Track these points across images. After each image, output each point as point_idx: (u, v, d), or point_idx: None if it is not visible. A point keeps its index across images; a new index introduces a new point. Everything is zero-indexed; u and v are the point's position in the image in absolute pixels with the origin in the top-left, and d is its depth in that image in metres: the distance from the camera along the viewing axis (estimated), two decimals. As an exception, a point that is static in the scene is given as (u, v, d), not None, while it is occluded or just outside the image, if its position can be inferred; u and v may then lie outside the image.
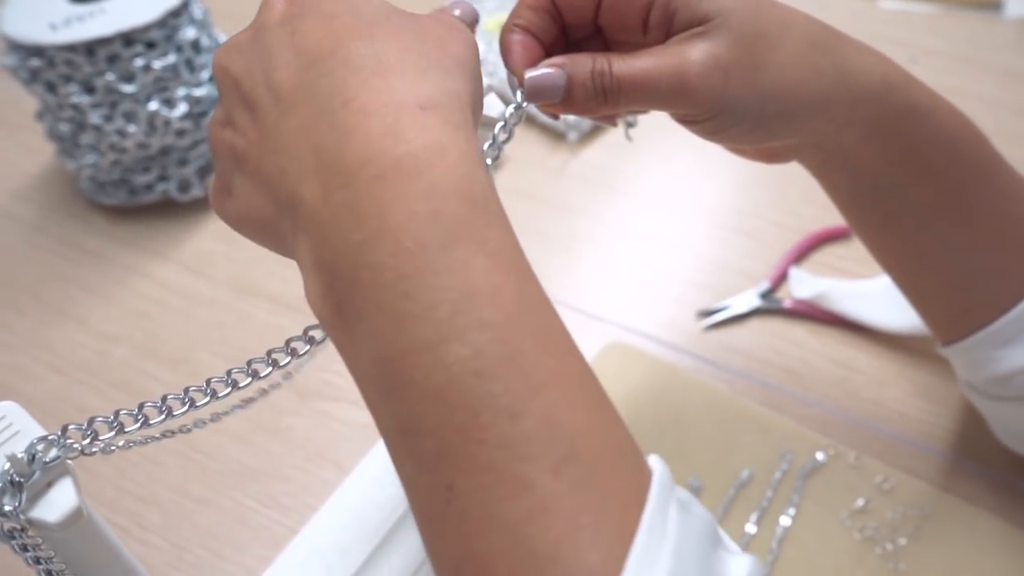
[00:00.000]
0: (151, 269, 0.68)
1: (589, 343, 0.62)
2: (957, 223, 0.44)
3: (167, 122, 0.67)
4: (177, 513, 0.54)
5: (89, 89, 0.65)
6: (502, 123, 0.35)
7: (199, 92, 0.68)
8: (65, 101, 0.65)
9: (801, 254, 0.67)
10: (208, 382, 0.30)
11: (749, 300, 0.64)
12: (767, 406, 0.58)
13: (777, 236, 0.69)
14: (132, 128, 0.66)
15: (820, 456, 0.55)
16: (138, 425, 0.30)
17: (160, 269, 0.68)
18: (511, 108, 0.36)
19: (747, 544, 0.51)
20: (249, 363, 0.31)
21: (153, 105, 0.66)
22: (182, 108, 0.67)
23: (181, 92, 0.67)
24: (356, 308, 0.26)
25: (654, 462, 0.25)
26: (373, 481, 0.51)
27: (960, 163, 0.43)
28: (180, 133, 0.68)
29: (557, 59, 0.38)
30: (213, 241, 0.70)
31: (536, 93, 0.38)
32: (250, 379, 0.31)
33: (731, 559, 0.25)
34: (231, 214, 0.32)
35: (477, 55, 0.32)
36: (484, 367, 0.24)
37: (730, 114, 0.38)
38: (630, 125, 0.49)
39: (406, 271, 0.25)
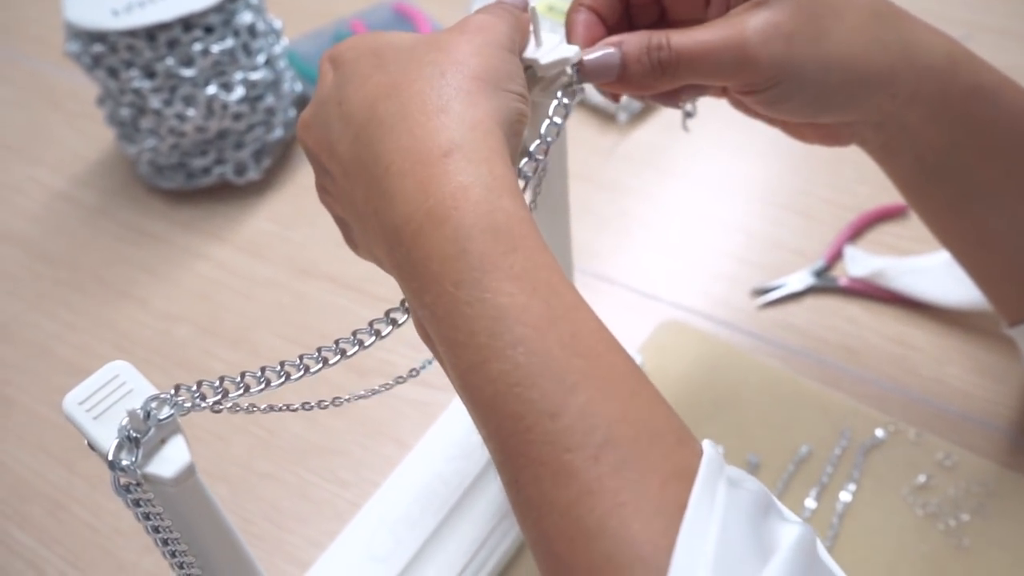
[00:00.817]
0: (209, 251, 0.70)
1: (643, 321, 0.62)
2: None
3: (224, 106, 0.68)
4: (243, 487, 0.55)
5: (150, 74, 0.66)
6: (556, 103, 0.36)
7: (255, 76, 0.69)
8: (126, 86, 0.66)
9: (856, 233, 0.67)
10: (319, 350, 0.32)
11: (803, 279, 0.64)
12: (824, 384, 0.58)
13: (831, 215, 0.68)
14: (191, 112, 0.67)
15: (880, 433, 0.55)
16: (240, 392, 0.30)
17: (218, 251, 0.70)
18: (562, 94, 0.37)
19: (808, 519, 0.51)
20: (337, 342, 0.33)
21: (211, 89, 0.67)
22: (239, 92, 0.68)
23: (238, 76, 0.68)
24: (429, 339, 0.31)
25: (706, 445, 0.27)
26: (438, 455, 0.52)
27: None
28: (237, 117, 0.70)
29: (613, 38, 0.39)
30: (269, 223, 0.71)
31: (591, 73, 0.38)
32: (339, 357, 0.32)
33: (782, 527, 0.26)
34: (365, 257, 0.37)
35: (505, 46, 0.34)
36: (522, 378, 0.27)
37: (792, 82, 0.38)
38: (688, 115, 0.49)
39: (448, 309, 0.28)
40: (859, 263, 0.64)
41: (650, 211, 0.71)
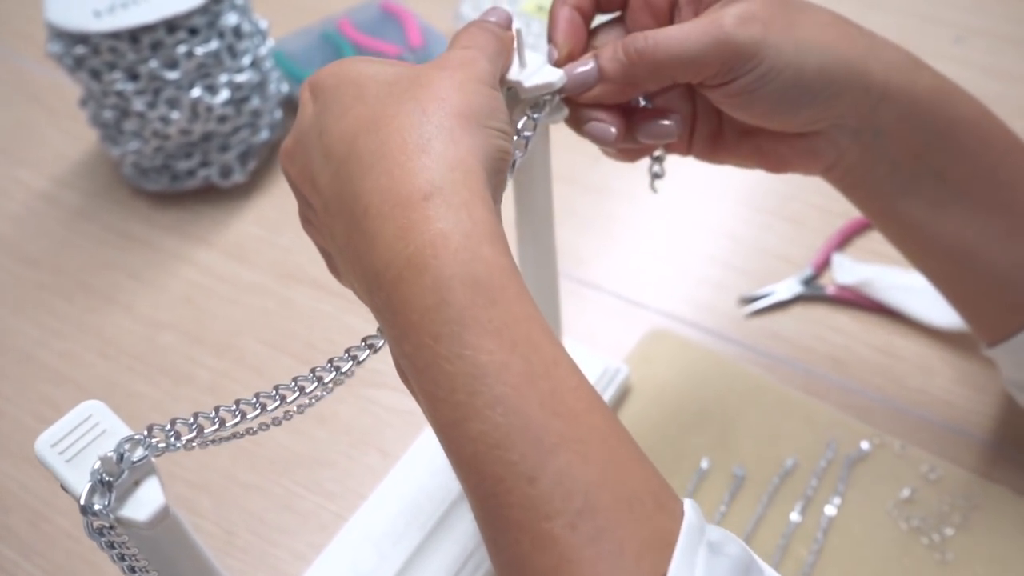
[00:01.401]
0: (194, 255, 0.69)
1: (629, 329, 0.62)
2: (997, 209, 0.43)
3: (209, 108, 0.67)
4: (227, 498, 0.55)
5: (133, 76, 0.65)
6: (524, 118, 0.37)
7: (240, 78, 0.68)
8: (109, 88, 0.65)
9: (844, 239, 0.66)
10: (295, 380, 0.31)
11: (791, 287, 0.63)
12: (810, 394, 0.58)
13: (819, 220, 0.68)
14: (175, 114, 0.66)
15: (865, 445, 0.55)
16: (215, 427, 0.30)
17: (203, 255, 0.69)
18: (541, 109, 0.38)
19: (792, 533, 0.51)
20: (313, 371, 0.32)
21: (196, 91, 0.66)
22: (224, 94, 0.67)
23: (223, 78, 0.67)
24: (408, 382, 0.31)
25: (687, 507, 0.27)
26: (423, 469, 0.51)
27: (990, 144, 0.42)
28: (222, 119, 0.69)
29: (586, 55, 0.40)
30: (254, 227, 0.71)
31: (574, 84, 0.39)
32: (316, 384, 0.32)
33: None
34: (347, 286, 0.36)
35: (487, 81, 0.34)
36: (500, 439, 0.26)
37: (771, 64, 0.38)
38: (656, 176, 0.49)
39: (428, 361, 0.28)
40: (847, 271, 0.63)
41: (636, 215, 0.70)
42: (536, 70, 0.37)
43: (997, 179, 0.43)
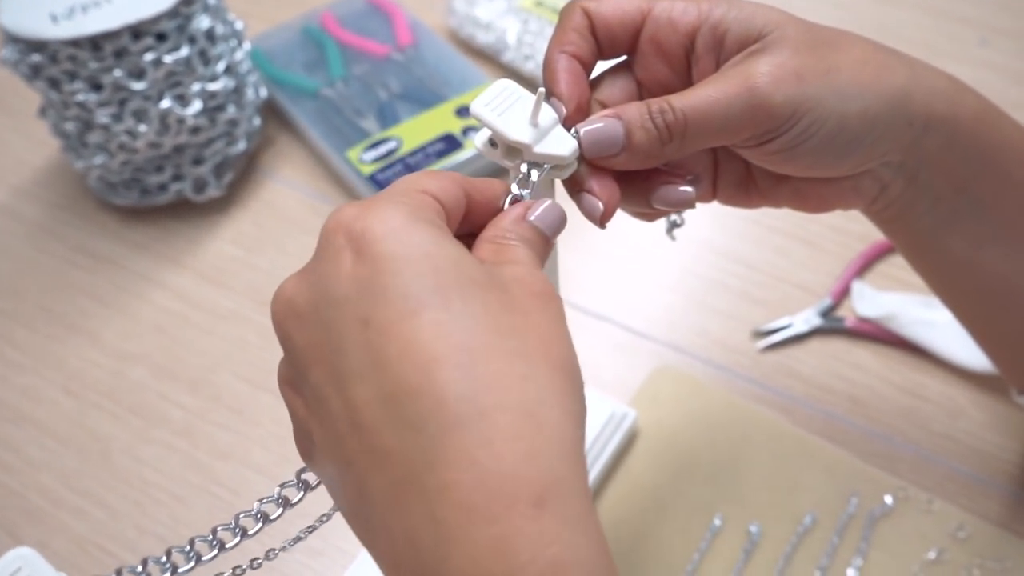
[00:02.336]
0: (166, 278, 0.64)
1: (635, 364, 0.58)
2: None
3: (181, 120, 0.62)
4: (202, 557, 0.51)
5: (96, 86, 0.60)
6: (520, 176, 0.32)
7: (214, 86, 0.63)
8: (70, 99, 0.60)
9: (865, 265, 0.62)
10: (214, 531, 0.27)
11: (809, 319, 0.59)
12: (829, 439, 0.54)
13: (838, 243, 0.64)
14: (143, 128, 0.61)
15: (889, 499, 0.51)
16: (168, 574, 0.26)
17: (176, 278, 0.64)
18: (563, 164, 0.32)
19: (813, 601, 0.48)
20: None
21: (165, 103, 0.61)
22: (196, 105, 0.62)
23: (195, 88, 0.62)
24: None
25: None
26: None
27: None
28: (194, 131, 0.64)
29: (606, 111, 0.35)
30: (232, 246, 0.66)
31: (595, 146, 0.34)
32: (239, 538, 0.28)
33: None
34: (315, 467, 0.28)
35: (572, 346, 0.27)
36: None
37: (811, 117, 0.34)
38: (676, 225, 0.44)
39: None
40: (868, 302, 0.59)
41: (643, 237, 0.66)
42: (546, 132, 0.32)
43: None
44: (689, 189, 0.36)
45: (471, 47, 0.77)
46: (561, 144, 0.32)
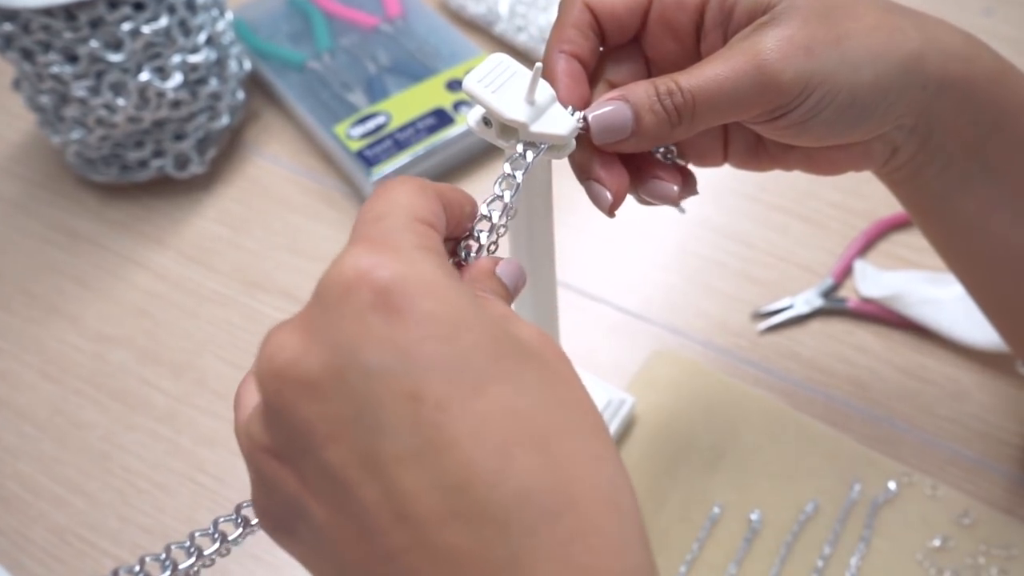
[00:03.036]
0: (148, 258, 0.62)
1: (634, 347, 0.56)
2: None
3: (160, 94, 0.60)
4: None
5: (71, 58, 0.57)
6: (515, 155, 0.30)
7: (195, 58, 0.60)
8: (44, 71, 0.57)
9: (868, 243, 0.61)
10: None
11: (810, 299, 0.58)
12: (831, 423, 0.53)
13: (840, 221, 0.62)
14: (121, 101, 0.59)
15: (892, 485, 0.50)
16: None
17: (158, 257, 0.62)
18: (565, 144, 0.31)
19: (815, 590, 0.46)
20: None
21: (144, 75, 0.58)
22: (177, 78, 0.60)
23: (175, 59, 0.59)
24: None
25: None
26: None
27: None
28: (175, 105, 0.61)
29: (612, 93, 0.33)
30: (216, 224, 0.64)
31: (604, 132, 0.33)
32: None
33: None
34: (297, 546, 0.25)
35: None
36: None
37: (822, 91, 0.33)
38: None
39: None
40: (870, 281, 0.58)
41: (641, 215, 0.64)
42: (543, 110, 0.30)
43: None
44: (674, 187, 0.35)
45: (462, 18, 0.74)
46: (559, 123, 0.30)
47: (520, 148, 0.30)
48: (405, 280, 0.22)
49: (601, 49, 0.35)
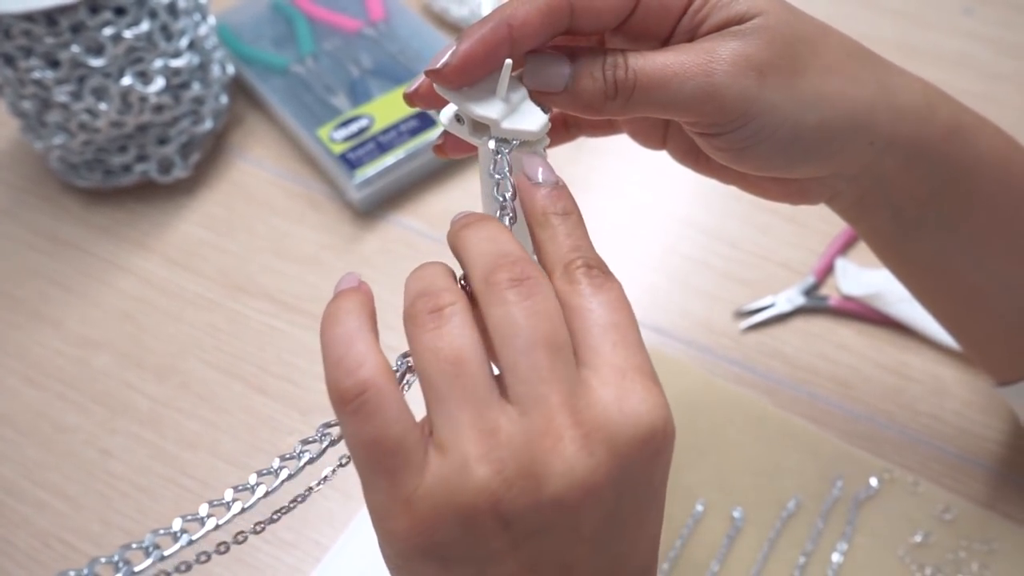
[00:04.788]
0: (132, 262, 0.62)
1: (617, 347, 0.56)
2: (1012, 257, 0.39)
3: (143, 98, 0.60)
4: (171, 550, 0.49)
5: (53, 63, 0.57)
6: (498, 156, 0.30)
7: (178, 62, 0.60)
8: (26, 77, 0.57)
9: (849, 242, 0.61)
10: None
11: (792, 298, 0.58)
12: (813, 421, 0.53)
13: (822, 219, 0.63)
14: (103, 106, 0.59)
15: (874, 482, 0.50)
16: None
17: (142, 262, 0.62)
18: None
19: (798, 587, 0.47)
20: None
21: (126, 80, 0.58)
22: (159, 83, 0.60)
23: (157, 64, 0.59)
24: None
25: None
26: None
27: (1011, 187, 0.38)
28: (158, 109, 0.61)
29: (563, 46, 0.33)
30: (199, 228, 0.64)
31: (535, 77, 0.32)
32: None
33: None
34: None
35: None
36: None
37: (763, 121, 0.33)
38: None
39: None
40: (852, 279, 0.58)
41: (622, 213, 0.64)
42: (515, 107, 0.30)
43: (1014, 228, 0.38)
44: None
45: (445, 21, 0.75)
46: (530, 119, 0.31)
47: (492, 144, 0.31)
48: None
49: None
